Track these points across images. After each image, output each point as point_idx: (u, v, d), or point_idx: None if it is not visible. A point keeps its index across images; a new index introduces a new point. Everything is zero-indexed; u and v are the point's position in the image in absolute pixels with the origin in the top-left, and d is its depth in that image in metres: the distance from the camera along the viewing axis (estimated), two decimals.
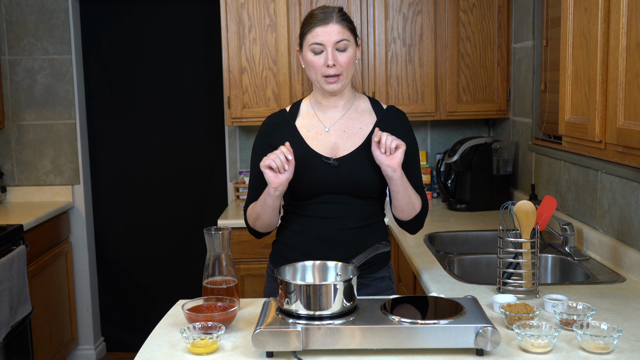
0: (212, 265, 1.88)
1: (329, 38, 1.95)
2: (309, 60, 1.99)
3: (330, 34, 1.95)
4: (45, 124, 4.03)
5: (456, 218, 3.31)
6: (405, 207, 2.00)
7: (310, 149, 2.03)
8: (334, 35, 1.95)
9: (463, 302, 1.65)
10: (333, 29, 1.95)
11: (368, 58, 3.57)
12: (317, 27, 1.96)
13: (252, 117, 3.58)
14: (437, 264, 2.39)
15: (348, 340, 1.52)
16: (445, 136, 3.99)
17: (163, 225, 4.31)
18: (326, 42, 1.95)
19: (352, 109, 2.08)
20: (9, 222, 3.37)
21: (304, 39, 2.00)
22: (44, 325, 3.62)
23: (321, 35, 1.95)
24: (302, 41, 2.01)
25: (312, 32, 1.96)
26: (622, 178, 2.26)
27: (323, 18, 1.96)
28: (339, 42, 1.96)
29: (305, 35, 1.99)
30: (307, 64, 2.00)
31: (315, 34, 1.96)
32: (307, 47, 1.99)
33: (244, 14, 3.53)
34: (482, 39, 3.55)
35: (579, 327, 1.58)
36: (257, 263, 3.36)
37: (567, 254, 2.45)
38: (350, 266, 1.73)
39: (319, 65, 1.97)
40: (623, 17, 1.61)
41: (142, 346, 1.64)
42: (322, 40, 1.95)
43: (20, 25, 3.95)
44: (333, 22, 1.95)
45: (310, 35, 1.97)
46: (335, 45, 1.95)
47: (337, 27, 1.96)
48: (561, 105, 2.00)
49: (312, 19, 1.98)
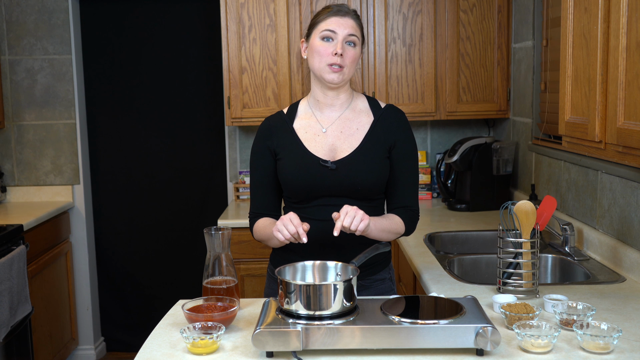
0: (212, 265, 1.88)
1: (343, 29, 1.98)
2: (316, 47, 1.99)
3: (345, 25, 1.98)
4: (45, 124, 4.03)
5: (456, 218, 3.31)
6: (387, 237, 2.01)
7: (308, 152, 2.03)
8: (348, 28, 1.98)
9: (463, 302, 1.65)
10: (348, 22, 1.99)
11: (368, 58, 3.57)
12: (334, 16, 1.99)
13: (252, 117, 3.58)
14: (437, 264, 2.39)
15: (348, 340, 1.52)
16: (445, 136, 3.99)
17: (163, 225, 4.31)
18: (339, 32, 1.97)
19: (349, 108, 2.08)
20: (9, 222, 3.37)
21: (316, 27, 2.01)
22: (44, 325, 3.63)
23: (335, 24, 1.98)
24: (312, 30, 2.02)
25: (326, 20, 1.99)
26: (622, 178, 2.26)
27: (339, 11, 2.00)
28: (351, 36, 1.98)
29: (318, 24, 2.01)
30: (313, 50, 2.01)
31: (330, 22, 1.98)
32: (317, 33, 2.00)
33: (244, 14, 3.53)
34: (482, 39, 3.55)
35: (579, 327, 1.58)
36: (257, 263, 3.36)
37: (567, 254, 2.45)
38: (351, 266, 1.73)
39: (326, 53, 1.98)
40: (623, 17, 1.61)
41: (142, 346, 1.64)
42: (336, 29, 1.97)
43: (20, 25, 3.95)
44: (349, 17, 2.00)
45: (324, 23, 1.99)
46: (346, 37, 1.98)
47: (352, 22, 2.00)
48: (561, 105, 2.00)
49: (326, 10, 2.02)
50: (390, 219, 2.03)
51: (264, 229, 2.04)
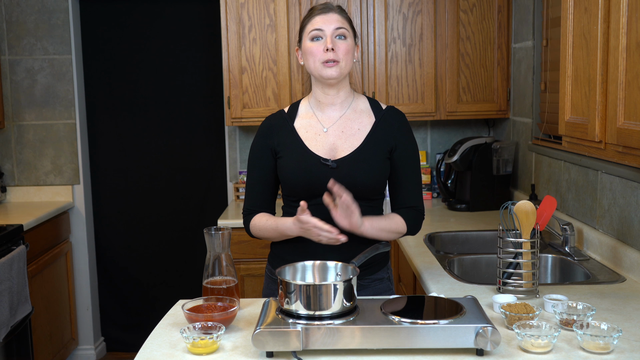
0: (212, 265, 1.88)
1: (329, 25, 1.99)
2: (307, 48, 2.01)
3: (330, 21, 1.99)
4: (45, 124, 4.03)
5: (456, 218, 3.31)
6: (387, 237, 2.02)
7: (309, 150, 2.03)
8: (334, 23, 1.99)
9: (463, 302, 1.65)
10: (333, 17, 2.00)
11: (368, 58, 3.57)
12: (317, 15, 2.01)
13: (252, 117, 3.58)
14: (437, 264, 2.39)
15: (348, 340, 1.52)
16: (445, 136, 3.99)
17: (163, 225, 4.31)
18: (325, 28, 1.99)
19: (350, 109, 2.08)
20: (9, 222, 3.37)
21: (304, 30, 2.03)
22: (44, 325, 3.63)
23: (321, 22, 1.99)
24: (302, 34, 2.04)
25: (312, 21, 2.01)
26: (622, 178, 2.26)
27: (323, 9, 2.02)
28: (338, 29, 1.99)
29: (305, 27, 2.03)
30: (305, 52, 2.02)
31: (315, 21, 2.00)
32: (306, 36, 2.02)
33: (244, 14, 3.53)
34: (482, 39, 3.55)
35: (579, 327, 1.57)
36: (257, 263, 3.36)
37: (567, 254, 2.45)
38: (350, 266, 1.73)
39: (317, 52, 1.99)
40: (623, 17, 1.61)
41: (142, 346, 1.64)
42: (322, 26, 1.99)
43: (20, 25, 3.95)
44: (333, 12, 2.01)
45: (310, 24, 2.01)
46: (334, 32, 1.99)
47: (337, 16, 2.01)
48: (561, 105, 2.00)
49: (312, 11, 2.04)
50: (391, 218, 2.03)
51: (266, 224, 2.04)
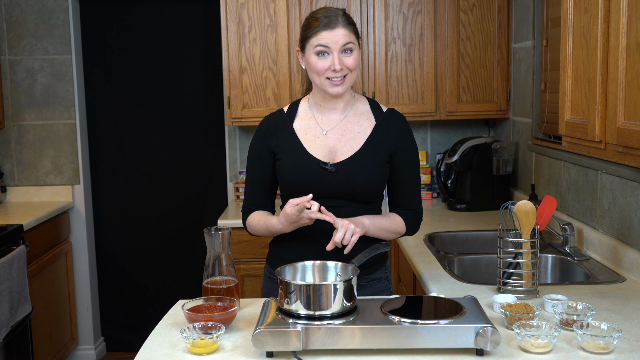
0: (212, 265, 1.88)
1: (336, 43, 1.92)
2: (312, 63, 1.95)
3: (337, 37, 1.92)
4: (45, 124, 4.03)
5: (456, 218, 3.31)
6: (387, 236, 2.03)
7: (308, 153, 2.02)
8: (341, 39, 1.92)
9: (463, 302, 1.65)
10: (339, 32, 1.92)
11: (368, 58, 3.57)
12: (323, 31, 1.92)
13: (252, 117, 3.58)
14: (437, 264, 2.39)
15: (348, 340, 1.52)
16: (445, 136, 3.99)
17: (163, 225, 4.31)
18: (332, 46, 1.92)
19: (351, 112, 2.06)
20: (9, 222, 3.37)
21: (308, 41, 1.95)
22: (44, 325, 3.62)
23: (327, 38, 1.91)
24: (305, 43, 1.97)
25: (317, 36, 1.92)
26: (622, 178, 2.26)
27: (328, 23, 1.92)
28: (346, 45, 1.93)
29: (309, 39, 1.95)
30: (310, 67, 1.96)
31: (321, 37, 1.92)
32: (311, 49, 1.95)
33: (244, 14, 3.53)
34: (482, 39, 3.55)
35: (579, 327, 1.58)
36: (257, 263, 3.36)
37: (567, 254, 2.45)
38: (350, 266, 1.73)
39: (323, 69, 1.94)
40: (623, 17, 1.61)
41: (142, 346, 1.64)
42: (329, 43, 1.92)
43: (20, 25, 3.95)
44: (339, 27, 1.92)
45: (315, 38, 1.93)
46: (341, 49, 1.93)
47: (343, 31, 1.93)
48: (561, 105, 2.00)
49: (315, 22, 1.94)
50: (391, 218, 2.03)
51: (259, 222, 2.04)
